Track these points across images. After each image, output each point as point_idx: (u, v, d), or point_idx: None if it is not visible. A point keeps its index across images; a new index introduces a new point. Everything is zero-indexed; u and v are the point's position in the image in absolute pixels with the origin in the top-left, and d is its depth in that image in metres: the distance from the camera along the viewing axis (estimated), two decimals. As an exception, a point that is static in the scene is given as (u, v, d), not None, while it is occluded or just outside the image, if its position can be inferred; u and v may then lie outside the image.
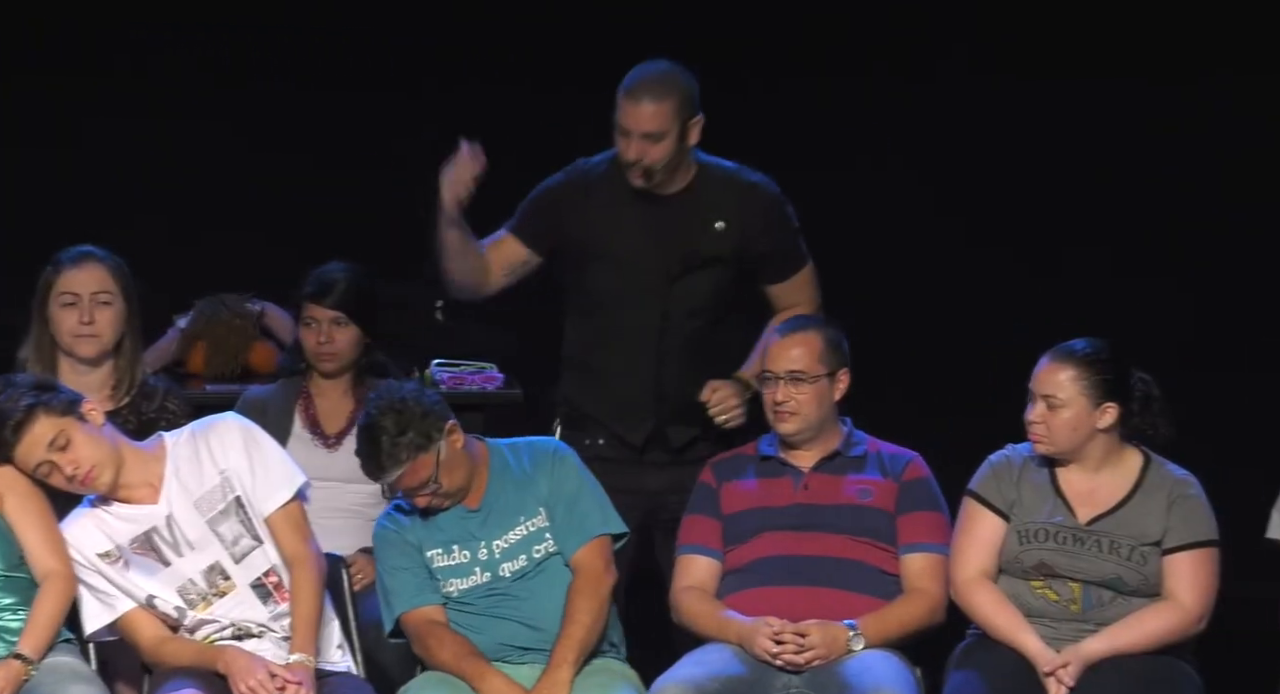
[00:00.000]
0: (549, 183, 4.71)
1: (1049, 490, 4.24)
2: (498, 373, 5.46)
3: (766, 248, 4.68)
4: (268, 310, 5.66)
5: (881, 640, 4.26)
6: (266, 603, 4.20)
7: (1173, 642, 4.18)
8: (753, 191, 4.67)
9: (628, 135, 4.54)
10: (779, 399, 4.38)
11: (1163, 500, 4.21)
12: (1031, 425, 4.22)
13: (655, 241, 4.62)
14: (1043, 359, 4.24)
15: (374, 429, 4.20)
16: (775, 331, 4.47)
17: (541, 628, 4.27)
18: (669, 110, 4.52)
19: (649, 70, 4.57)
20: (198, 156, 6.05)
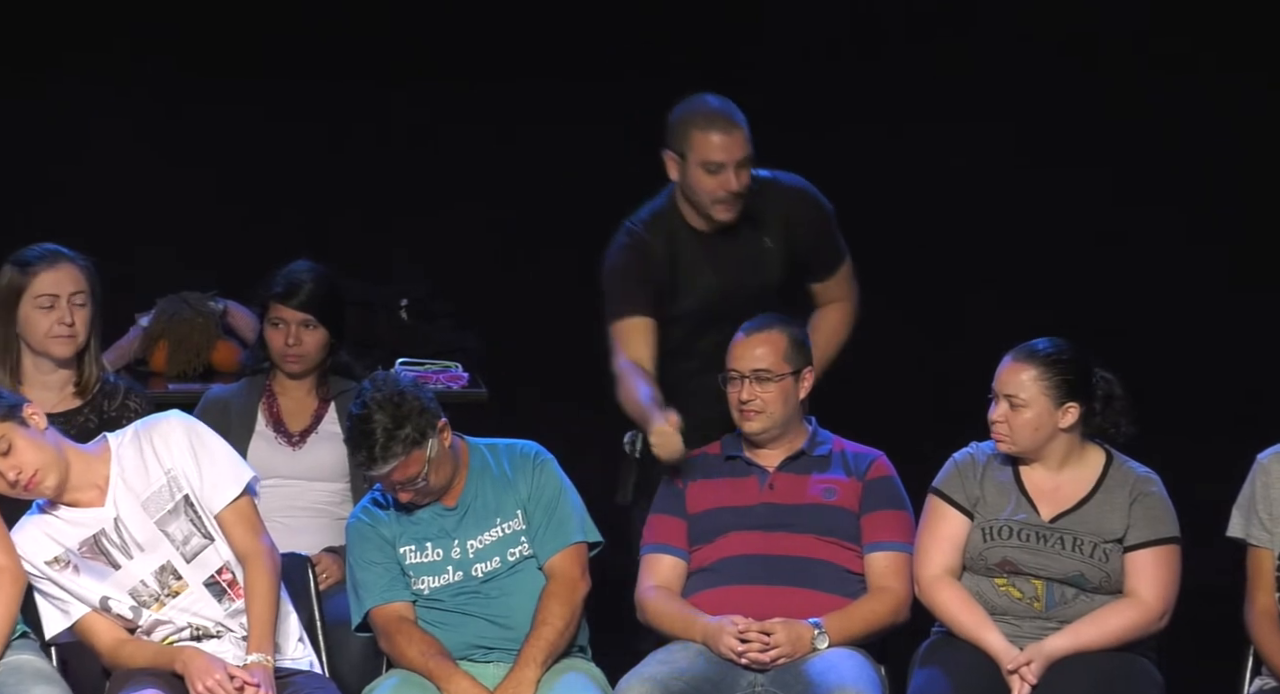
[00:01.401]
0: (621, 259, 4.69)
1: (1012, 488, 4.32)
2: (462, 372, 5.50)
3: (810, 249, 4.75)
4: (231, 309, 5.68)
5: (846, 639, 4.34)
6: (221, 601, 4.23)
7: (1135, 639, 4.27)
8: (791, 197, 4.72)
9: (721, 168, 4.56)
10: (744, 398, 4.44)
11: (1124, 498, 4.29)
12: (994, 425, 4.29)
13: (724, 280, 4.68)
14: (1005, 359, 4.32)
15: (369, 421, 4.22)
16: (739, 330, 4.50)
17: (510, 626, 4.34)
18: (747, 132, 4.60)
19: (712, 102, 4.61)
20: (161, 152, 6.06)
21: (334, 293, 4.84)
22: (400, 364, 5.47)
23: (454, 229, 6.21)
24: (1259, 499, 4.29)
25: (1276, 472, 4.29)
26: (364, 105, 6.16)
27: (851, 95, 6.15)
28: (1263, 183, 6.12)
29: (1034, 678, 4.18)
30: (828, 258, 4.77)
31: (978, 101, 6.12)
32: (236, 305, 5.67)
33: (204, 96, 6.12)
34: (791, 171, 4.77)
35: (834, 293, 4.79)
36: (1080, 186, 6.22)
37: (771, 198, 4.69)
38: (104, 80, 6.12)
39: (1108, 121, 6.17)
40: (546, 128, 6.22)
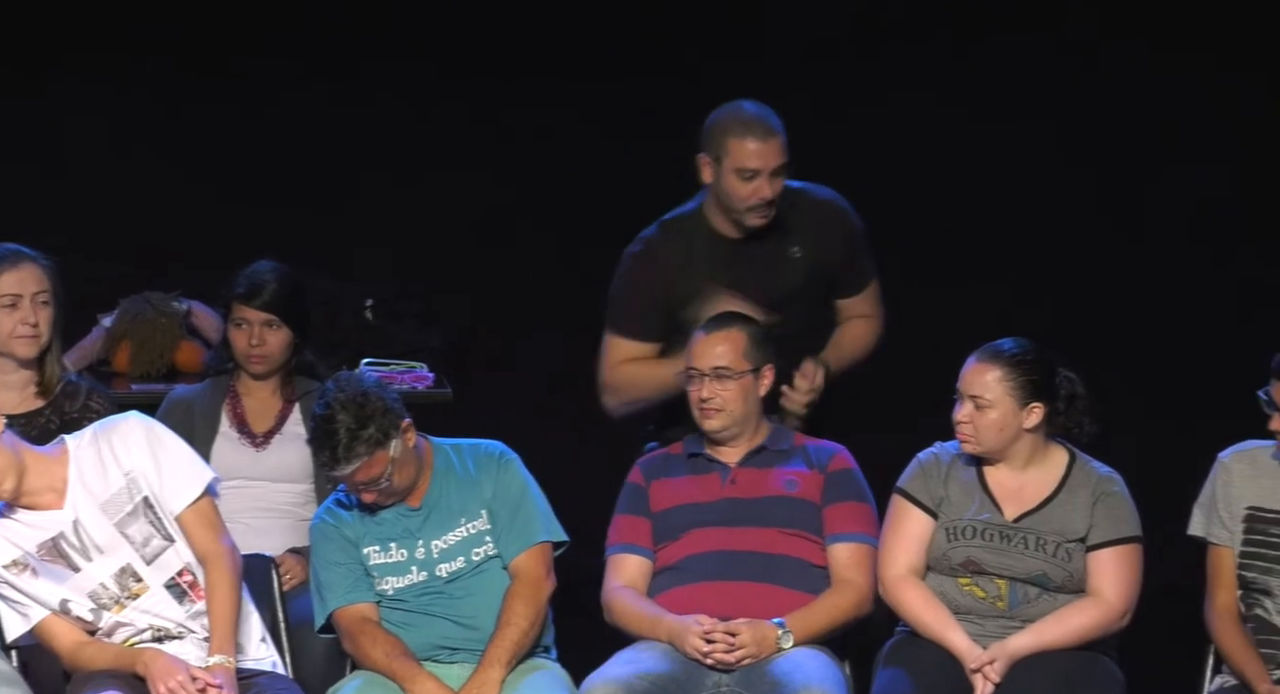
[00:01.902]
0: (629, 274, 4.70)
1: (976, 488, 4.35)
2: (427, 372, 5.51)
3: (839, 264, 4.76)
4: (194, 309, 5.68)
5: (810, 636, 4.37)
6: (182, 602, 4.24)
7: (1097, 637, 4.31)
8: (823, 209, 4.74)
9: (755, 175, 4.58)
10: (704, 396, 4.47)
11: (1087, 497, 4.33)
12: (959, 426, 4.34)
13: (752, 289, 4.68)
14: (970, 359, 4.36)
15: (332, 422, 4.24)
16: (699, 329, 4.51)
17: (474, 627, 4.36)
18: (784, 140, 4.61)
19: (750, 108, 4.62)
20: (122, 150, 6.06)
21: (297, 293, 4.85)
22: (365, 364, 5.48)
23: (422, 229, 6.22)
24: (1220, 498, 4.34)
25: (1237, 470, 4.34)
26: (328, 101, 6.15)
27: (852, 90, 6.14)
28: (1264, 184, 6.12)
29: (997, 676, 4.21)
30: (856, 275, 4.79)
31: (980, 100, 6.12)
32: (200, 306, 5.67)
33: (171, 96, 6.12)
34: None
35: (859, 310, 4.82)
36: (1067, 187, 6.22)
37: (803, 209, 4.70)
38: (73, 79, 6.11)
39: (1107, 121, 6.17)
40: (521, 126, 6.23)
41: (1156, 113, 6.19)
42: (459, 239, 6.22)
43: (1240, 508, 4.31)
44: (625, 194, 6.15)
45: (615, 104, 6.17)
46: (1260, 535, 4.30)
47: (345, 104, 6.11)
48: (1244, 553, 4.30)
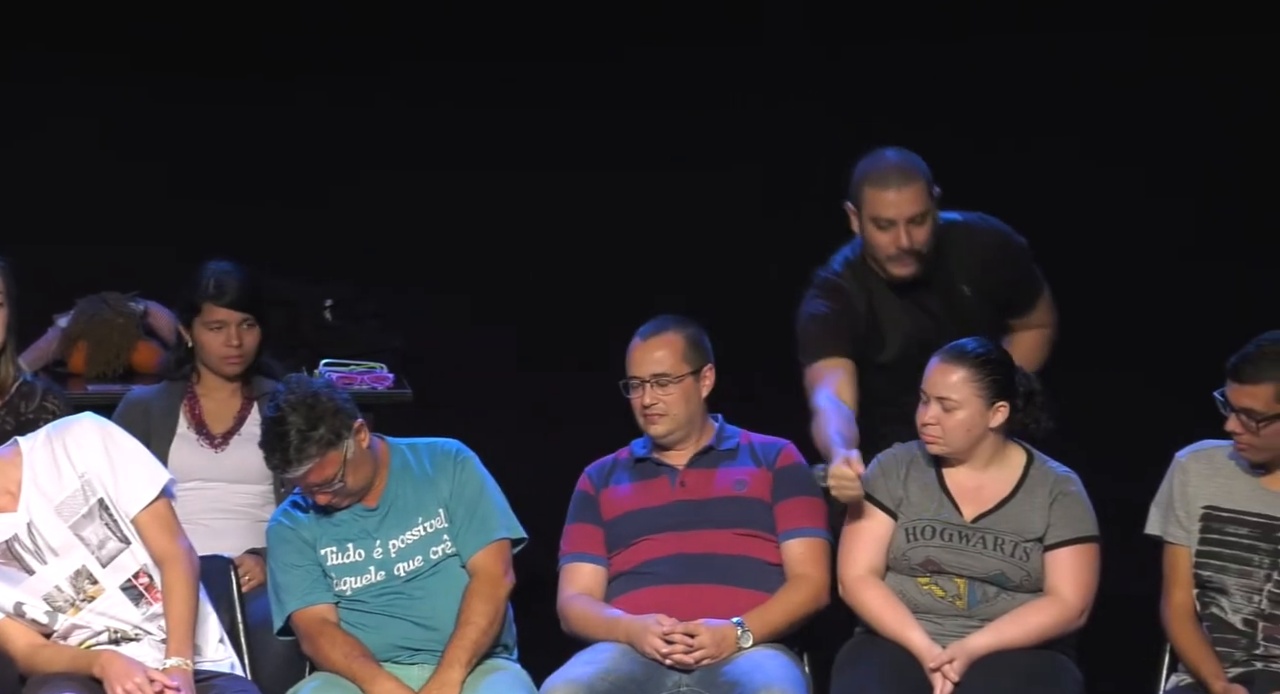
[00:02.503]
0: (819, 305, 4.67)
1: (935, 488, 4.40)
2: (387, 373, 5.50)
3: (1009, 293, 4.74)
4: (151, 309, 5.67)
5: (769, 633, 4.41)
6: (139, 604, 4.24)
7: (1055, 636, 4.36)
8: (985, 242, 4.70)
9: (891, 225, 4.55)
10: (646, 402, 4.49)
11: (1045, 497, 4.38)
12: (925, 427, 4.37)
13: (923, 330, 4.67)
14: (933, 360, 4.39)
15: (283, 423, 4.26)
16: (636, 335, 4.52)
17: (434, 628, 4.37)
18: (923, 187, 4.58)
19: (885, 157, 4.60)
20: (72, 153, 6.04)
21: (260, 289, 4.85)
22: (325, 365, 5.47)
23: (381, 228, 6.21)
24: (1176, 497, 4.38)
25: (1194, 470, 4.38)
26: (275, 102, 6.15)
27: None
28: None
29: (956, 675, 4.25)
30: (1027, 295, 4.78)
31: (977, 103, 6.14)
32: (157, 306, 5.66)
33: (121, 92, 6.11)
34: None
35: (1034, 322, 4.80)
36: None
37: (965, 244, 4.67)
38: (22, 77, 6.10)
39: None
40: (481, 121, 6.23)
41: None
42: (418, 239, 6.22)
43: (1197, 507, 4.36)
44: (582, 194, 6.19)
45: (566, 101, 6.18)
46: (1216, 535, 4.34)
47: (304, 103, 6.11)
48: (1200, 552, 4.34)
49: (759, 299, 5.52)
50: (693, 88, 6.15)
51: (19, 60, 6.10)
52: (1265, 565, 4.30)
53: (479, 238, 6.24)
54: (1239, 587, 4.31)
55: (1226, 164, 6.05)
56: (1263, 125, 6.03)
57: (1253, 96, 6.04)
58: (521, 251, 6.20)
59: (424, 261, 6.21)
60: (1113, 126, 6.09)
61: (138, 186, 6.09)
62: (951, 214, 4.70)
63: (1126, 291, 6.13)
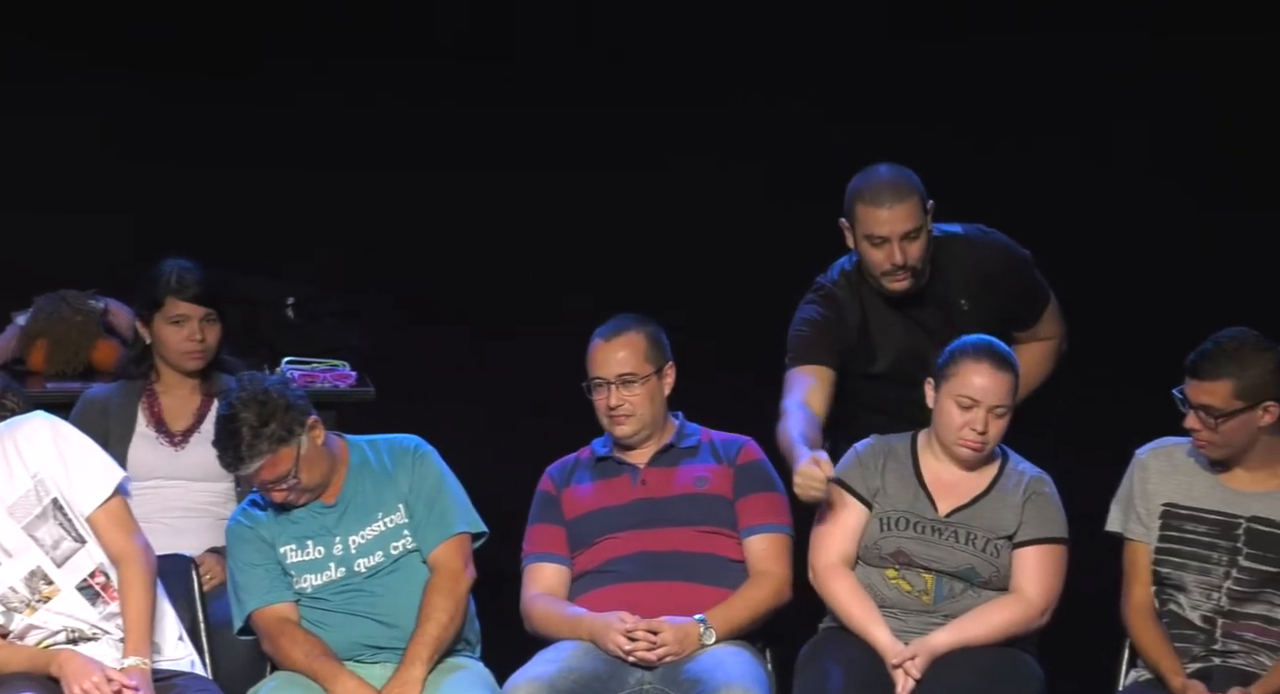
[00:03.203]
0: (812, 311, 4.68)
1: (912, 481, 4.46)
2: (350, 371, 5.49)
3: (1010, 306, 4.73)
4: (111, 307, 5.65)
5: (732, 630, 4.44)
6: (95, 604, 4.25)
7: (1017, 634, 4.41)
8: (985, 255, 4.69)
9: (885, 242, 4.55)
10: (612, 404, 4.51)
11: (1018, 496, 4.44)
12: (977, 437, 4.35)
13: (916, 343, 4.67)
14: (979, 365, 4.34)
15: (235, 420, 4.28)
16: (597, 336, 4.54)
17: (396, 625, 4.39)
18: (917, 203, 4.58)
19: (878, 173, 4.59)
20: (32, 150, 6.02)
21: (219, 285, 4.86)
22: (286, 363, 5.47)
23: (342, 226, 6.21)
24: (1137, 494, 4.42)
25: (1154, 467, 4.42)
26: (237, 101, 6.14)
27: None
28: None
29: (918, 672, 4.29)
30: (1030, 308, 4.77)
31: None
32: (117, 303, 5.65)
33: (79, 90, 6.09)
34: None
35: (1039, 334, 4.80)
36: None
37: (964, 257, 4.67)
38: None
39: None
40: (433, 120, 6.23)
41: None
42: (380, 237, 6.22)
43: (1157, 504, 4.41)
44: (544, 192, 6.19)
45: (560, 100, 6.18)
46: (1175, 531, 4.38)
47: (255, 102, 6.10)
48: (1160, 549, 4.39)
49: (754, 299, 5.54)
50: (691, 87, 6.15)
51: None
52: (1224, 563, 4.34)
53: (454, 237, 6.24)
54: (1197, 583, 4.35)
55: (1226, 164, 6.07)
56: (1263, 125, 6.05)
57: (1253, 96, 6.06)
58: (504, 252, 6.21)
59: (392, 259, 6.21)
60: (1113, 126, 6.11)
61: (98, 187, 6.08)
62: (952, 226, 4.72)
63: (1127, 292, 6.11)
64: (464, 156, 6.26)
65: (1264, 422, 4.28)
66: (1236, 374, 4.23)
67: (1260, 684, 4.24)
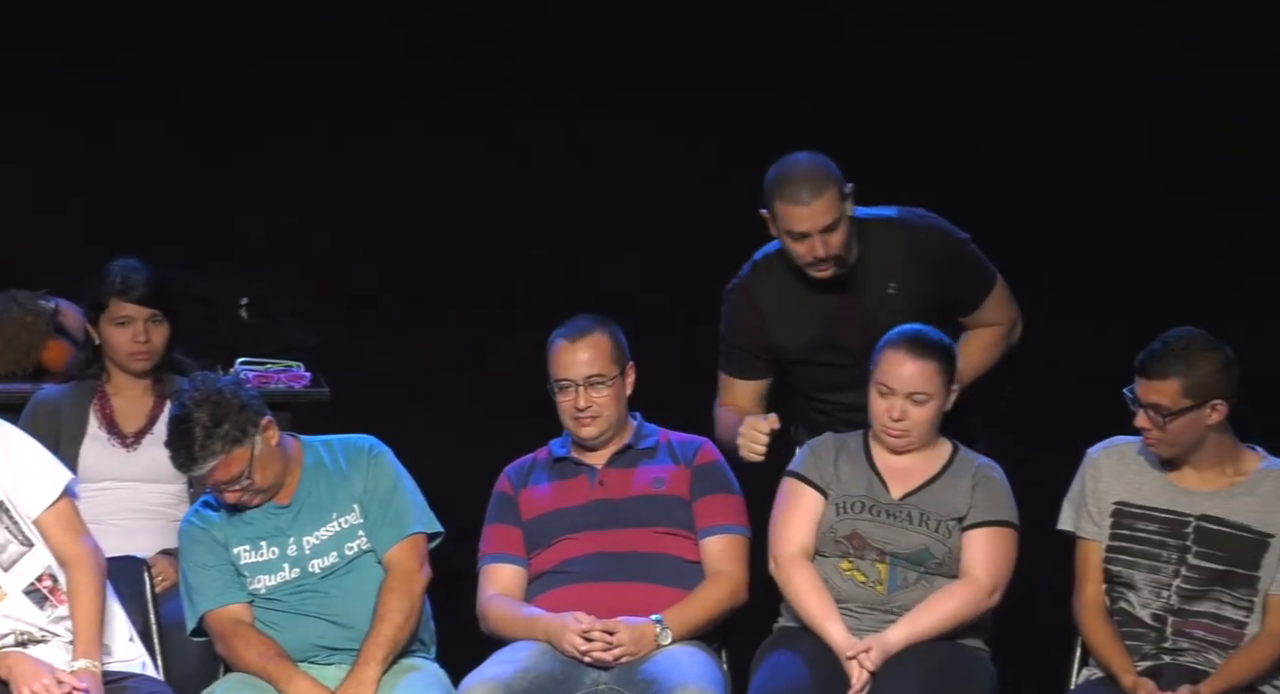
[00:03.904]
0: (730, 320, 4.73)
1: (865, 468, 4.53)
2: (304, 371, 5.49)
3: (948, 289, 4.70)
4: (62, 307, 5.63)
5: (688, 630, 4.47)
6: (43, 607, 4.26)
7: (970, 617, 4.45)
8: (917, 237, 4.68)
9: (805, 237, 4.56)
10: (581, 405, 4.51)
11: (968, 481, 4.52)
12: (894, 424, 4.43)
13: (846, 332, 4.68)
14: (893, 353, 4.42)
15: (188, 421, 4.29)
16: (560, 336, 4.54)
17: (350, 626, 4.41)
18: (834, 195, 4.57)
19: (797, 166, 4.59)
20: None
21: (167, 285, 4.85)
22: (241, 363, 5.46)
23: (298, 226, 6.21)
24: (1089, 493, 4.47)
25: (1106, 466, 4.46)
26: (199, 99, 6.13)
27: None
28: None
29: (871, 664, 4.30)
30: (970, 292, 4.73)
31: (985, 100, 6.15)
32: (68, 304, 5.63)
33: (35, 89, 6.08)
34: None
35: (986, 319, 4.76)
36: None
37: (895, 240, 4.67)
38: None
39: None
40: (382, 133, 6.24)
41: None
42: (335, 237, 6.22)
43: (1108, 503, 4.46)
44: (497, 192, 6.20)
45: (552, 96, 6.20)
46: (1126, 530, 4.43)
47: (216, 101, 6.10)
48: (1110, 547, 4.44)
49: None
50: (688, 84, 6.17)
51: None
52: (1173, 561, 4.39)
53: (410, 237, 6.24)
54: (1147, 582, 4.40)
55: (1226, 164, 6.10)
56: (1263, 126, 6.08)
57: (1254, 96, 6.10)
58: (462, 251, 6.21)
59: (344, 260, 6.21)
60: (1113, 126, 6.14)
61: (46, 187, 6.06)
62: (886, 210, 4.73)
63: (1129, 291, 6.12)
64: (434, 154, 6.26)
65: (1211, 420, 4.33)
66: (1184, 373, 4.28)
67: (1210, 682, 4.29)
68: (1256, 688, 4.32)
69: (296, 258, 6.16)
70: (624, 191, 6.14)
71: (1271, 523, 4.35)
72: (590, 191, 6.16)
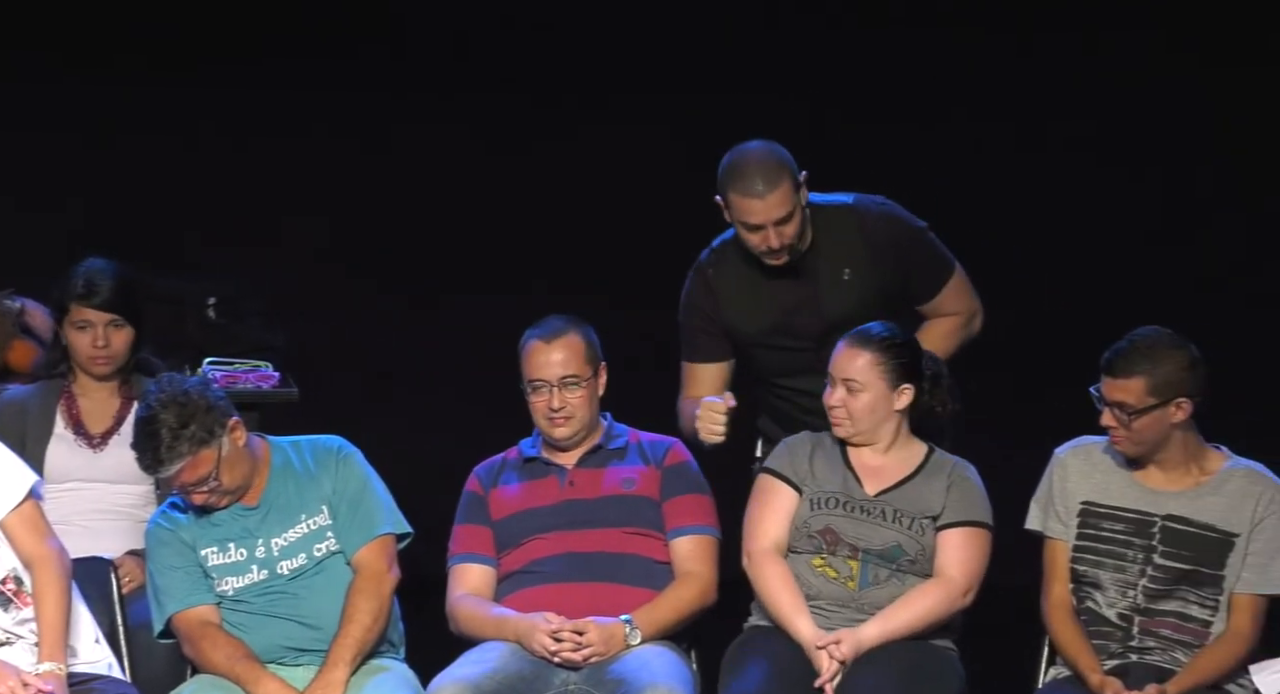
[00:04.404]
0: (687, 301, 4.76)
1: (840, 464, 4.56)
2: (273, 371, 5.49)
3: (903, 275, 4.73)
4: (28, 307, 5.62)
5: (657, 630, 4.49)
6: (8, 610, 4.28)
7: (943, 616, 4.49)
8: (873, 223, 4.71)
9: (760, 229, 4.59)
10: (555, 406, 4.53)
11: (943, 480, 4.55)
12: (832, 409, 4.47)
13: (801, 317, 4.71)
14: (840, 344, 4.51)
15: (154, 422, 4.29)
16: (534, 336, 4.55)
17: (319, 627, 4.43)
18: (789, 187, 4.59)
19: (751, 157, 4.60)
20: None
21: (134, 288, 4.86)
22: (209, 363, 5.46)
23: (264, 227, 6.21)
24: (1056, 493, 4.49)
25: (1073, 466, 4.50)
26: (164, 98, 6.14)
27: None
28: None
29: (841, 655, 4.32)
30: (926, 279, 4.76)
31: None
32: (34, 303, 5.62)
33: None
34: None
35: (945, 308, 4.79)
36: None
37: (851, 227, 4.69)
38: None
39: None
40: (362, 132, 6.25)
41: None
42: (302, 239, 6.23)
43: (1075, 503, 4.49)
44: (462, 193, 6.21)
45: (547, 94, 6.21)
46: (1093, 530, 4.46)
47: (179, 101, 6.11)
48: (1077, 547, 4.47)
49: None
50: (683, 80, 6.18)
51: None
52: (1139, 560, 4.42)
53: (376, 238, 6.25)
54: (1114, 581, 4.42)
55: (1225, 164, 6.13)
56: (1263, 126, 6.11)
57: (1254, 96, 6.12)
58: (431, 252, 6.22)
59: (311, 260, 6.22)
60: (1112, 127, 6.16)
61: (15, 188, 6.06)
62: (843, 196, 4.75)
63: (1130, 292, 6.15)
64: (413, 165, 6.27)
65: (1176, 418, 4.37)
66: (1149, 371, 4.31)
67: (1175, 681, 4.33)
68: (1222, 686, 4.36)
69: (264, 257, 6.18)
70: (621, 191, 6.16)
71: (1236, 522, 4.39)
72: (587, 191, 6.18)
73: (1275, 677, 4.29)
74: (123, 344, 4.84)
